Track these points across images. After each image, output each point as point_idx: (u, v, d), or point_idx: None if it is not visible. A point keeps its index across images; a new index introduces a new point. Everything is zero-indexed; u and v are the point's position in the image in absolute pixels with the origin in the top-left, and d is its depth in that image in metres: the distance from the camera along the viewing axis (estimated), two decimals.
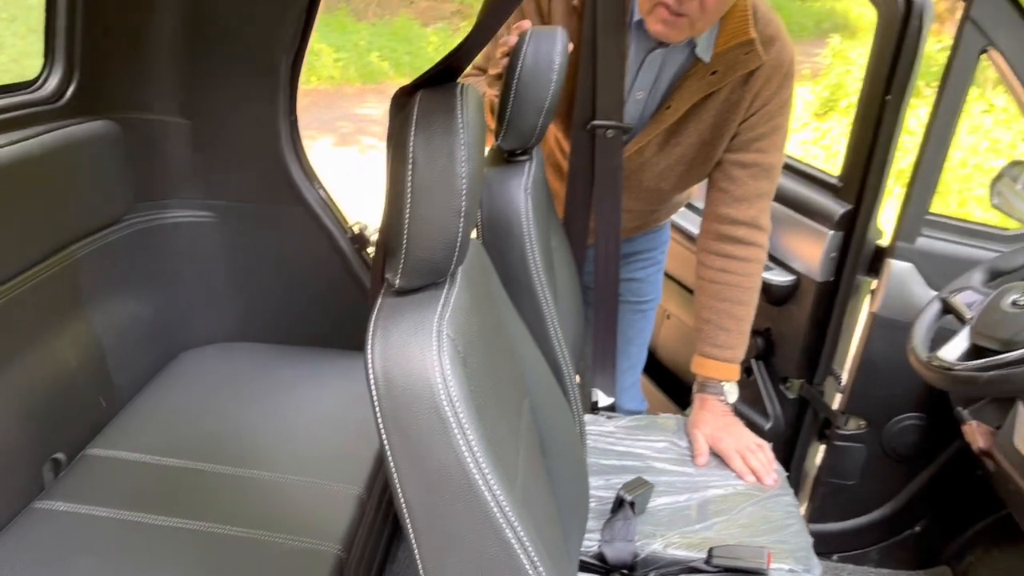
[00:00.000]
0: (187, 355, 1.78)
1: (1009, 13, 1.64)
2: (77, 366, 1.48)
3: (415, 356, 0.84)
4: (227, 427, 1.56)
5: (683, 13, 1.44)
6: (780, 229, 2.08)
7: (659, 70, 1.62)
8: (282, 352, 1.82)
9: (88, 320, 1.53)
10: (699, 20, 1.46)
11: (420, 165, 0.86)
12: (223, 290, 1.81)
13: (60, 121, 1.48)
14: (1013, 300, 1.42)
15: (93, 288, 1.54)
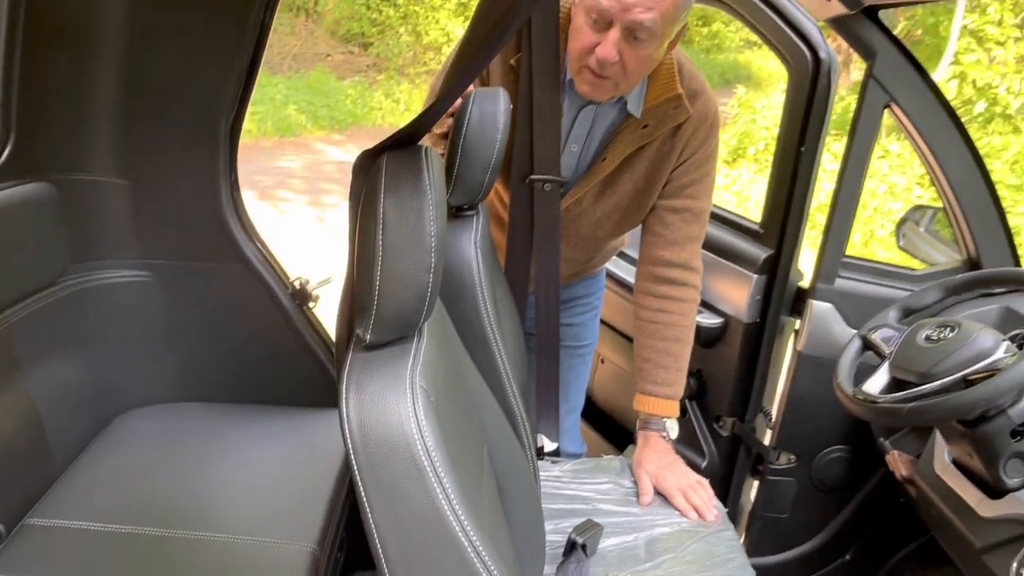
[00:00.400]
0: (126, 417, 1.74)
1: (908, 72, 1.79)
2: (14, 433, 1.44)
3: (391, 409, 0.87)
4: (173, 489, 1.53)
5: (606, 76, 1.53)
6: (708, 274, 2.17)
7: (591, 125, 1.71)
8: (224, 411, 1.80)
9: (24, 386, 1.49)
10: (622, 81, 1.56)
11: (391, 224, 0.90)
12: (162, 350, 1.78)
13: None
14: (926, 335, 1.52)
15: (28, 353, 1.50)
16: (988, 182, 1.89)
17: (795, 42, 1.88)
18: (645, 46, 1.49)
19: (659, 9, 1.44)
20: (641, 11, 1.44)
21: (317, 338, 1.86)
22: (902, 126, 1.86)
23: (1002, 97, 6.77)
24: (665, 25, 1.48)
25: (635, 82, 1.59)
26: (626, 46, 1.49)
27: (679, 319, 1.78)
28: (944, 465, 1.63)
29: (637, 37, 1.47)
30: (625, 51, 1.49)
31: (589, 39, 1.51)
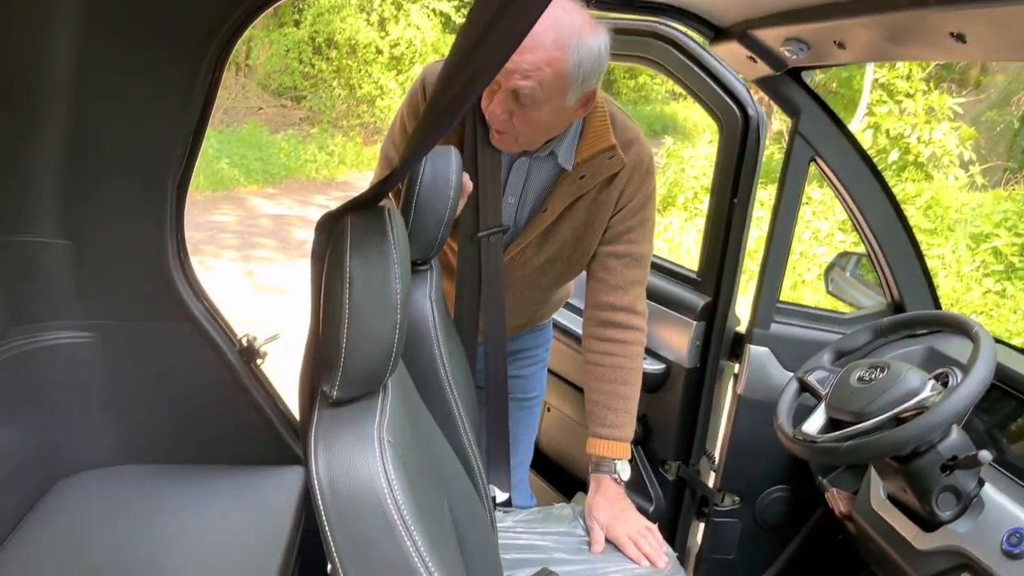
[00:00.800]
0: (69, 482, 1.69)
1: (829, 127, 1.91)
2: None
3: (360, 464, 0.88)
4: (118, 556, 1.49)
5: (504, 131, 1.60)
6: (650, 321, 2.23)
7: (526, 177, 1.76)
8: (171, 472, 1.77)
9: None
10: (520, 138, 1.62)
11: (358, 283, 0.92)
12: (106, 412, 1.74)
13: None
14: (859, 376, 1.60)
15: None
16: (907, 229, 2.01)
17: (725, 100, 1.99)
18: (531, 110, 1.54)
19: (537, 78, 1.48)
20: (519, 78, 1.49)
21: (265, 395, 1.85)
22: (827, 178, 1.97)
23: (914, 146, 7.16)
24: (548, 92, 1.51)
25: (534, 139, 1.65)
26: (514, 107, 1.55)
27: (626, 361, 1.83)
28: (880, 501, 1.70)
29: (521, 102, 1.53)
30: (514, 112, 1.55)
31: (486, 98, 1.58)
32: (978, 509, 1.51)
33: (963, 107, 7.81)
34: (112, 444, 1.76)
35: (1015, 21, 1.12)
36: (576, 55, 1.49)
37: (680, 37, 2.05)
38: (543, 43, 1.46)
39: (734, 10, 1.74)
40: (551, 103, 1.54)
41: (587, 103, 1.61)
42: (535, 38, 1.45)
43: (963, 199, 6.99)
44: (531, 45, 1.45)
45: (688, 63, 2.03)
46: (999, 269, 5.92)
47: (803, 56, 1.67)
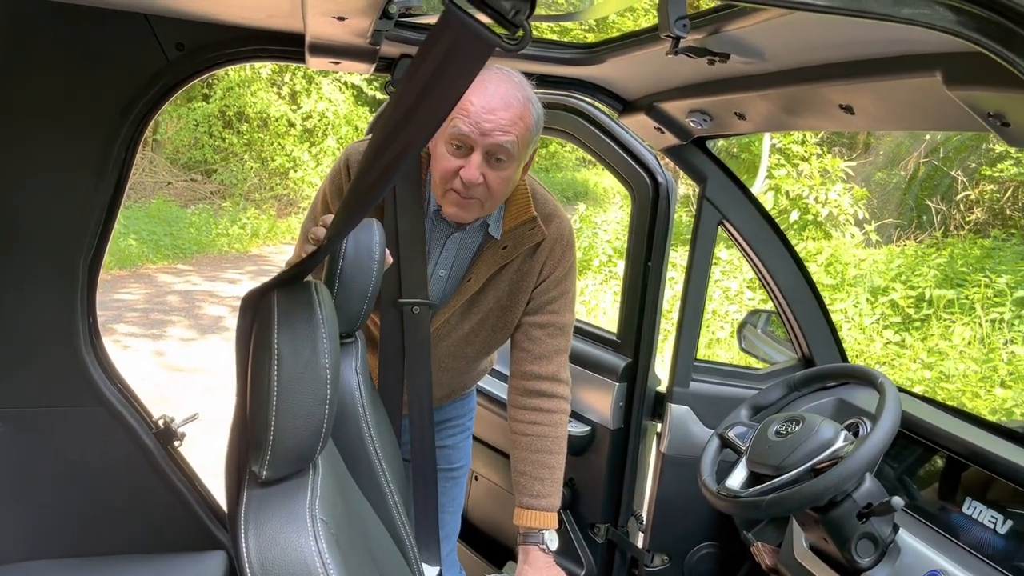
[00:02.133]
0: None
1: (734, 192, 2.01)
2: None
3: (292, 545, 0.86)
4: None
5: (472, 196, 1.64)
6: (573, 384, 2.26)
7: (457, 250, 1.80)
8: (85, 565, 1.67)
9: None
10: (487, 201, 1.66)
11: (285, 359, 0.92)
12: (13, 504, 1.64)
13: None
14: (776, 430, 1.65)
15: None
16: (811, 286, 2.11)
17: (636, 169, 2.07)
18: (505, 167, 1.62)
19: (515, 132, 1.58)
20: (500, 134, 1.57)
21: (184, 479, 1.78)
22: (734, 240, 2.06)
23: (812, 206, 7.54)
24: (521, 147, 1.62)
25: (498, 201, 1.70)
26: (488, 168, 1.61)
27: (551, 430, 1.84)
28: (803, 551, 1.75)
29: (498, 159, 1.60)
30: (487, 173, 1.61)
31: (452, 164, 1.61)
32: (895, 554, 1.56)
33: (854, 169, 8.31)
34: (21, 538, 1.66)
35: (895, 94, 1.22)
36: (536, 110, 1.63)
37: (591, 110, 2.14)
38: (515, 100, 1.58)
39: (641, 85, 1.83)
40: (519, 160, 1.64)
41: (529, 164, 1.72)
42: (507, 97, 1.57)
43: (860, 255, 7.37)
44: (505, 103, 1.57)
45: (599, 134, 2.12)
46: (897, 321, 6.23)
47: (707, 126, 1.77)
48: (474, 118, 1.57)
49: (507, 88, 1.58)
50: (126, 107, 1.59)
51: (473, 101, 1.57)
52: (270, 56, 1.66)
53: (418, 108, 0.81)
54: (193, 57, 1.60)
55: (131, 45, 1.57)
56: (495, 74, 1.61)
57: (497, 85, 1.58)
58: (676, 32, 1.21)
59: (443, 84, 0.80)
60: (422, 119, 0.82)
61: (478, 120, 1.57)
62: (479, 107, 1.57)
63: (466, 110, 1.57)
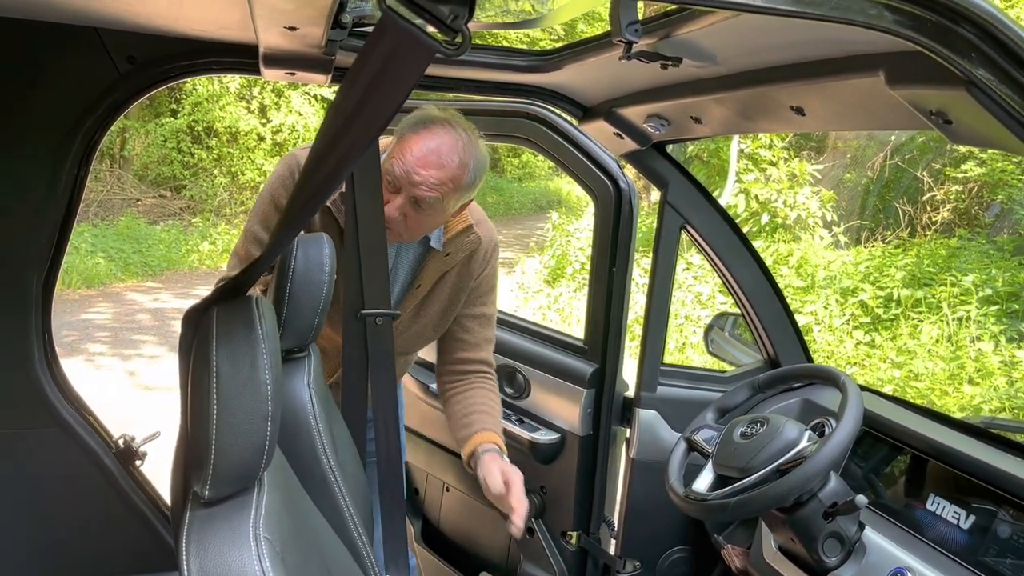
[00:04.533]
0: None
1: (696, 197, 2.02)
2: None
3: (235, 564, 0.85)
4: None
5: (392, 228, 1.73)
6: (541, 391, 2.27)
7: (396, 257, 1.87)
8: None
9: None
10: (405, 233, 1.75)
11: (224, 376, 0.90)
12: None
13: None
14: (741, 432, 1.66)
15: None
16: (775, 289, 2.12)
17: (598, 175, 2.07)
18: (428, 214, 1.70)
19: (441, 191, 1.65)
20: (426, 189, 1.64)
21: (146, 499, 1.75)
22: (697, 244, 2.07)
23: (781, 210, 7.61)
24: (447, 201, 1.69)
25: (417, 236, 1.80)
26: (410, 210, 1.69)
27: (489, 393, 1.99)
28: (772, 553, 1.75)
29: (420, 207, 1.67)
30: (409, 214, 1.69)
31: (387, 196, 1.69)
32: (861, 553, 1.56)
33: (822, 172, 8.40)
34: None
35: (842, 95, 1.23)
36: (472, 171, 1.69)
37: (552, 117, 2.14)
38: (451, 163, 1.64)
39: (599, 91, 1.84)
40: (444, 211, 1.72)
41: (465, 206, 1.81)
42: (443, 158, 1.63)
43: (829, 257, 7.45)
44: (438, 163, 1.63)
45: (561, 141, 2.12)
46: (867, 321, 6.29)
47: (665, 131, 1.78)
48: (408, 166, 1.64)
49: (448, 148, 1.64)
50: (77, 121, 1.57)
51: (413, 150, 1.64)
52: (224, 68, 1.65)
53: (359, 114, 0.81)
54: (145, 70, 1.58)
55: (82, 59, 1.55)
56: (442, 131, 1.66)
57: (440, 142, 1.65)
58: (628, 37, 1.21)
59: (383, 90, 0.79)
60: (362, 126, 0.81)
61: (410, 170, 1.64)
62: (414, 159, 1.64)
63: (403, 155, 1.65)
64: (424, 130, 1.66)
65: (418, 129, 1.67)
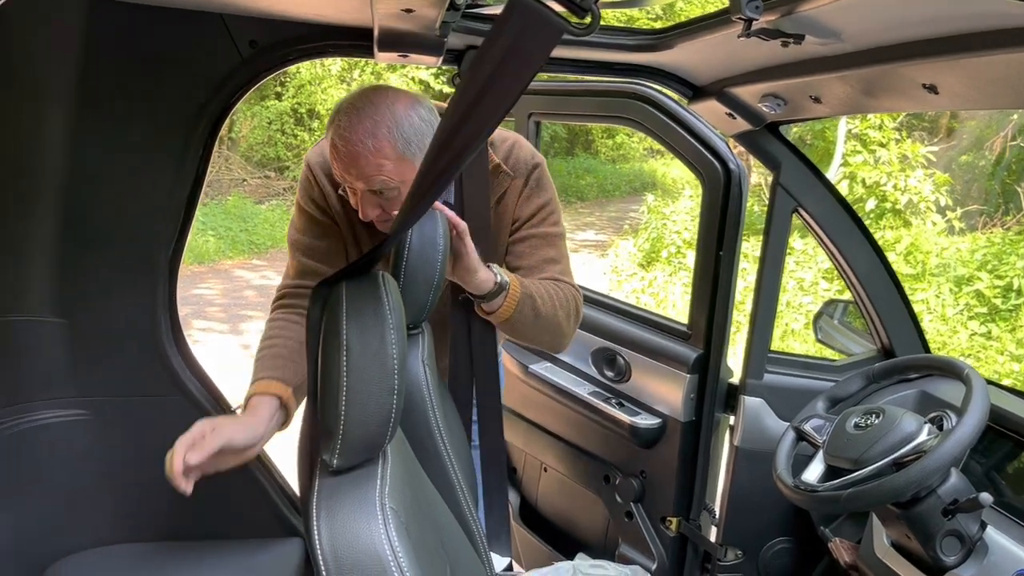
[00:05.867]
0: (62, 564, 1.66)
1: (809, 178, 1.95)
2: None
3: (363, 533, 0.87)
4: None
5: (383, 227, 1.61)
6: (642, 375, 2.25)
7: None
8: (167, 550, 1.73)
9: None
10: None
11: (354, 350, 0.93)
12: (99, 491, 1.71)
13: None
14: (854, 423, 1.61)
15: None
16: (891, 275, 2.04)
17: (707, 157, 2.03)
18: (396, 194, 1.55)
19: (381, 175, 1.51)
20: (367, 182, 1.52)
21: (261, 467, 1.83)
22: (810, 228, 2.01)
23: (890, 194, 7.29)
24: (399, 176, 1.52)
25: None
26: (380, 201, 1.56)
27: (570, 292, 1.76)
28: (884, 548, 1.69)
29: (384, 195, 1.55)
30: (383, 204, 1.57)
31: (354, 200, 1.59)
32: (982, 553, 1.50)
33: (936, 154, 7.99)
34: (107, 523, 1.73)
35: (984, 71, 1.16)
36: (400, 138, 1.51)
37: (659, 97, 2.10)
38: (364, 151, 1.49)
39: (712, 70, 1.79)
40: (407, 183, 1.50)
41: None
42: (358, 147, 1.49)
43: (942, 244, 7.10)
44: (356, 153, 1.49)
45: (668, 122, 2.08)
46: (983, 311, 5.98)
47: (780, 111, 1.72)
48: (340, 171, 1.55)
49: (357, 139, 1.49)
50: (203, 104, 1.64)
51: (335, 154, 1.54)
52: (340, 51, 1.69)
53: (485, 96, 0.81)
54: (266, 54, 1.63)
55: (207, 44, 1.62)
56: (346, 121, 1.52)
57: (348, 134, 1.50)
58: (748, 14, 1.18)
59: (511, 70, 0.79)
60: (489, 108, 0.82)
61: (343, 173, 1.54)
62: (338, 163, 1.54)
63: (332, 162, 1.56)
64: (332, 130, 1.55)
65: (328, 133, 1.57)
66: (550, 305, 1.68)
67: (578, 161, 17.04)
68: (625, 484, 2.28)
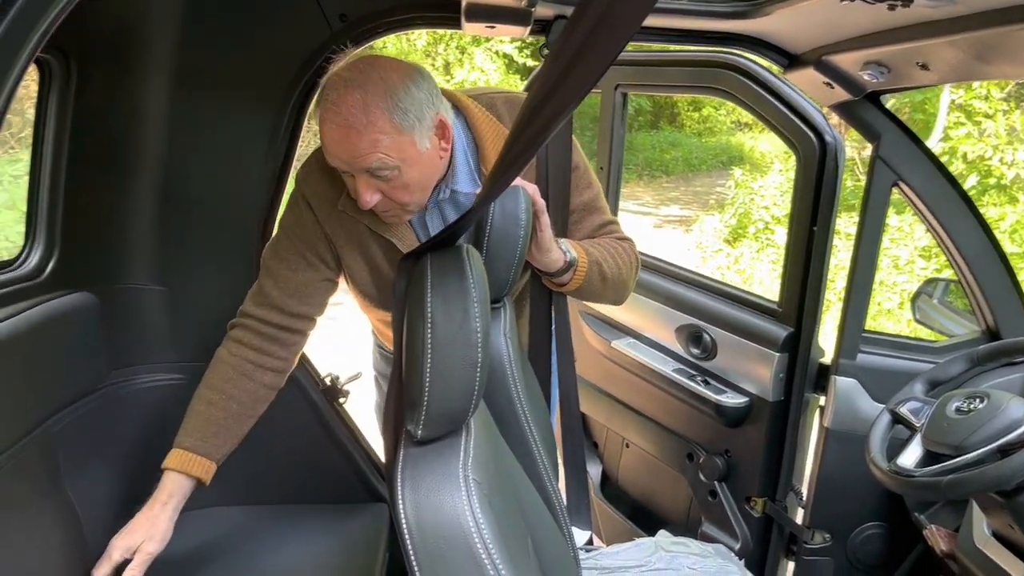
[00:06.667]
0: None
1: (912, 150, 1.86)
2: (59, 538, 1.44)
3: (446, 503, 0.88)
4: None
5: (388, 210, 1.49)
6: (730, 353, 2.20)
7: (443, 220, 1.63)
8: (260, 513, 1.80)
9: (66, 493, 1.50)
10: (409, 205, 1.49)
11: (439, 323, 0.93)
12: None
13: (40, 296, 1.49)
14: (956, 407, 1.53)
15: (69, 460, 1.51)
16: (1000, 253, 1.93)
17: (802, 128, 1.96)
18: (397, 174, 1.42)
19: (376, 152, 1.37)
20: (362, 163, 1.39)
21: (348, 434, 1.87)
22: (911, 203, 1.92)
23: (996, 168, 6.91)
24: (397, 155, 1.39)
25: (419, 199, 1.50)
26: (379, 184, 1.43)
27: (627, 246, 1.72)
28: (985, 538, 1.62)
29: (380, 176, 1.41)
30: (382, 188, 1.43)
31: (350, 184, 1.46)
32: None
33: None
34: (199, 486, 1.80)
35: None
36: (396, 108, 1.37)
37: (752, 67, 2.03)
38: (356, 125, 1.35)
39: (809, 37, 1.72)
40: (407, 161, 1.41)
41: (443, 134, 1.48)
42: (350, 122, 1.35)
43: None
44: (348, 129, 1.36)
45: (762, 93, 2.01)
46: None
47: (883, 79, 1.64)
48: (331, 153, 1.41)
49: (350, 114, 1.35)
50: (294, 78, 1.67)
51: (325, 137, 1.40)
52: (427, 23, 1.69)
53: (575, 67, 0.79)
54: (355, 27, 1.65)
55: (298, 18, 1.64)
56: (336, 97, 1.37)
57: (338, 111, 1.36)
58: None
59: (603, 40, 0.77)
60: (579, 78, 0.80)
61: (333, 155, 1.41)
62: (330, 143, 1.40)
63: (324, 146, 1.43)
64: (320, 108, 1.40)
65: (317, 114, 1.42)
66: (614, 267, 1.65)
67: (663, 135, 16.75)
68: (709, 463, 2.25)
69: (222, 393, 1.55)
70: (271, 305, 1.58)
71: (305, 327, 1.63)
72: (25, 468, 1.38)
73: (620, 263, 1.67)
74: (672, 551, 1.81)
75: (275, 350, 1.58)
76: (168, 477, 1.51)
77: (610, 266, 1.64)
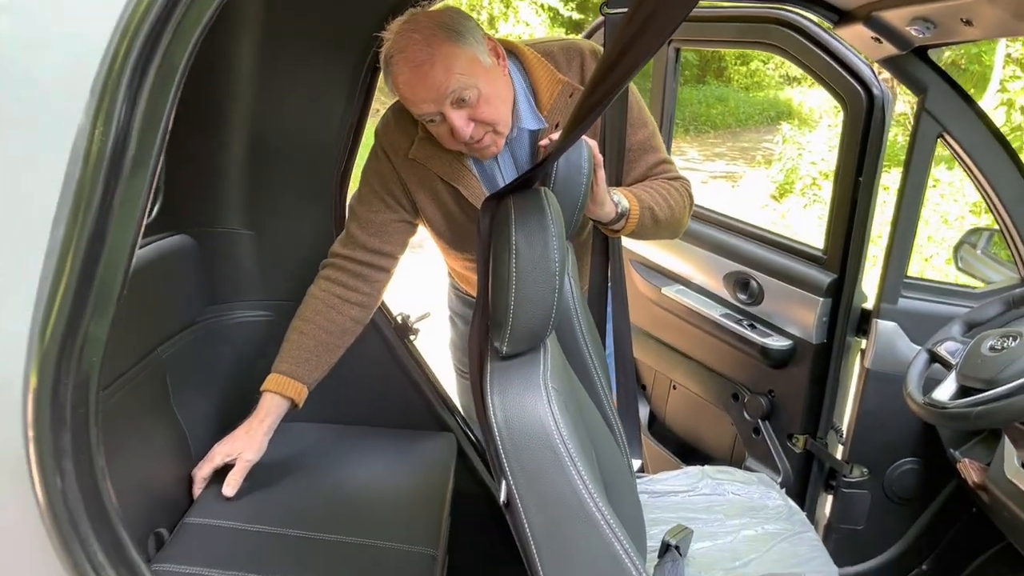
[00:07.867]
0: None
1: (958, 103, 1.93)
2: (170, 450, 1.64)
3: (529, 406, 1.03)
4: (303, 497, 1.70)
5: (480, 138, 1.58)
6: (775, 299, 2.32)
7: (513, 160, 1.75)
8: (339, 431, 1.98)
9: (173, 411, 1.69)
10: (497, 126, 1.59)
11: (523, 254, 1.08)
12: None
13: (147, 238, 1.67)
14: (990, 345, 1.63)
15: (176, 382, 1.70)
16: None
17: (850, 82, 2.03)
18: (477, 93, 1.52)
19: (456, 73, 1.48)
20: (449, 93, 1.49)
21: (417, 368, 2.03)
22: (955, 154, 1.99)
23: None
24: (470, 70, 1.51)
25: (504, 116, 1.60)
26: (468, 111, 1.53)
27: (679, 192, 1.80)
28: (1015, 469, 1.73)
29: (467, 102, 1.52)
30: (472, 114, 1.54)
31: (442, 130, 1.58)
32: None
33: None
34: None
35: None
36: (452, 34, 1.50)
37: (803, 22, 2.11)
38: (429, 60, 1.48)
39: None
40: (480, 76, 1.52)
41: (497, 52, 1.60)
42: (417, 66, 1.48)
43: None
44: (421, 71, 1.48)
45: (812, 47, 2.09)
46: None
47: (929, 35, 1.72)
48: (416, 100, 1.53)
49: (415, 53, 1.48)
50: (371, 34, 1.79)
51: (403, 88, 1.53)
52: None
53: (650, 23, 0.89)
54: None
55: None
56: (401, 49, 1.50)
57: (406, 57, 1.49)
58: None
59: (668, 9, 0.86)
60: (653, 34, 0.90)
61: (419, 99, 1.52)
62: (409, 90, 1.52)
63: (405, 98, 1.55)
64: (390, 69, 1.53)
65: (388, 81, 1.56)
66: (666, 209, 1.74)
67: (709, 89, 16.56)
68: (753, 402, 2.37)
69: (313, 324, 1.72)
70: (356, 244, 1.74)
71: (387, 264, 1.78)
72: (140, 389, 1.57)
73: (673, 203, 1.76)
74: (717, 478, 1.95)
75: (360, 286, 1.75)
76: (265, 398, 1.69)
77: (662, 208, 1.74)
